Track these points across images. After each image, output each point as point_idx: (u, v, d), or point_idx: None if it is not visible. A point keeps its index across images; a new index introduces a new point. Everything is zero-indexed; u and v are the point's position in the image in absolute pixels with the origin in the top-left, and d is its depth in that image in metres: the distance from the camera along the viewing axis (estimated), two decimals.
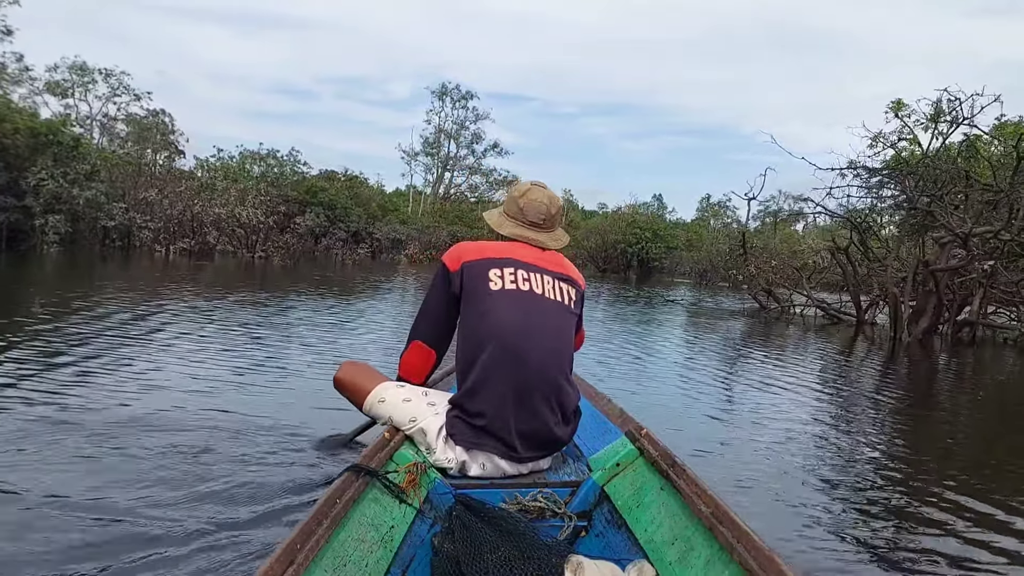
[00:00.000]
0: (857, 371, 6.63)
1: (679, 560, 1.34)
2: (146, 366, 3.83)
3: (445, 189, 37.94)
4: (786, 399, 4.55)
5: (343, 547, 1.24)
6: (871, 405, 4.72)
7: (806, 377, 5.69)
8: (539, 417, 1.74)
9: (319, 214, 24.89)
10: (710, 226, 44.79)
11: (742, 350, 7.51)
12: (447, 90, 37.50)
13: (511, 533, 1.40)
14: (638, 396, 4.19)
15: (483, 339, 1.74)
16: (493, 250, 1.84)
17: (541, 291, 1.80)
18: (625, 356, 5.94)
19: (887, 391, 5.45)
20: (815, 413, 4.23)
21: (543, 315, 1.78)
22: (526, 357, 1.72)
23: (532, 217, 1.92)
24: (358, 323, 6.72)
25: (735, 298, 17.23)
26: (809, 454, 3.22)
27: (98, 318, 5.44)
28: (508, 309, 1.75)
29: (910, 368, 7.18)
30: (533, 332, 1.74)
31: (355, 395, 1.96)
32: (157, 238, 17.69)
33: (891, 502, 2.59)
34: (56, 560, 1.62)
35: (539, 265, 1.85)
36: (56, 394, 3.05)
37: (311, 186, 26.38)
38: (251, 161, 26.80)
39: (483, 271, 1.79)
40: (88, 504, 1.92)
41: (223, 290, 9.10)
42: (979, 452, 3.68)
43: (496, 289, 1.76)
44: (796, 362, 6.62)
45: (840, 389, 5.43)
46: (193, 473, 2.22)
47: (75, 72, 23.56)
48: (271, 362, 4.26)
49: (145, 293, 7.86)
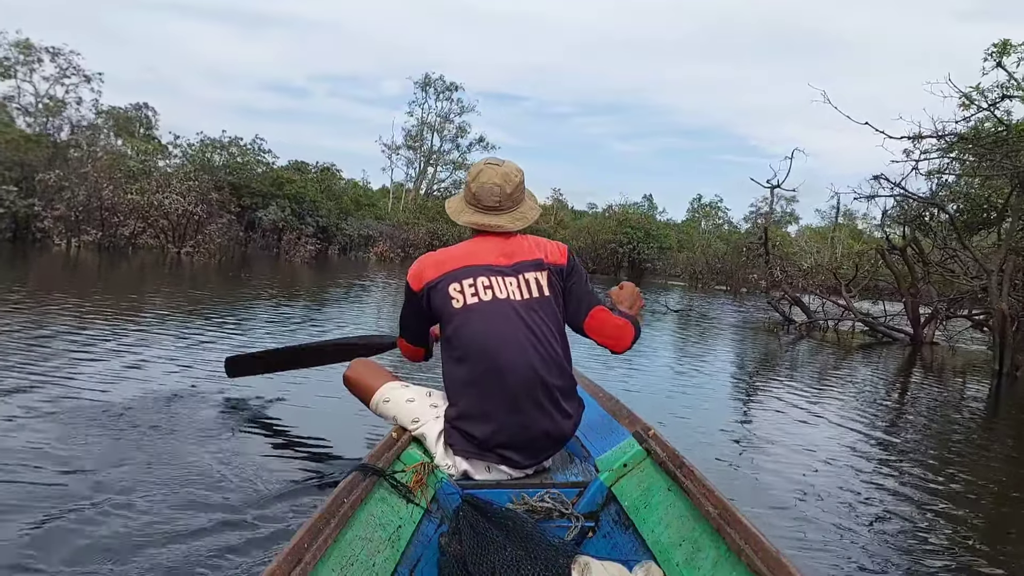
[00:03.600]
0: (976, 430, 4.69)
1: (686, 561, 1.40)
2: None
3: (428, 184, 37.86)
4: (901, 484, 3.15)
5: (350, 546, 1.30)
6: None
7: (921, 447, 4.01)
8: (536, 423, 1.80)
9: (284, 208, 24.70)
10: (701, 227, 45.37)
11: (798, 388, 5.54)
12: (430, 81, 37.45)
13: (518, 533, 1.46)
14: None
15: (460, 358, 1.81)
16: (451, 261, 1.86)
17: (505, 295, 1.82)
18: (638, 386, 4.92)
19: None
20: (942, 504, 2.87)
21: (512, 320, 1.81)
22: (506, 368, 1.76)
23: (487, 202, 1.92)
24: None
25: (742, 305, 16.90)
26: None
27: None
28: (475, 323, 1.79)
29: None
30: (507, 340, 1.78)
31: (363, 393, 2.04)
32: (58, 229, 15.92)
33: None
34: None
35: (499, 264, 1.87)
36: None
37: (277, 177, 26.15)
38: (211, 150, 26.48)
39: (444, 289, 1.82)
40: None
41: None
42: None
43: (459, 307, 1.81)
44: (886, 411, 5.03)
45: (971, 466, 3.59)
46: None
47: (20, 50, 23.13)
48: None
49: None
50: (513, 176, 1.94)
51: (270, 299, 8.97)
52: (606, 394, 2.36)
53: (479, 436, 1.77)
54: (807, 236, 28.57)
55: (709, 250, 30.15)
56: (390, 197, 35.84)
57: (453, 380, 1.84)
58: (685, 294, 21.07)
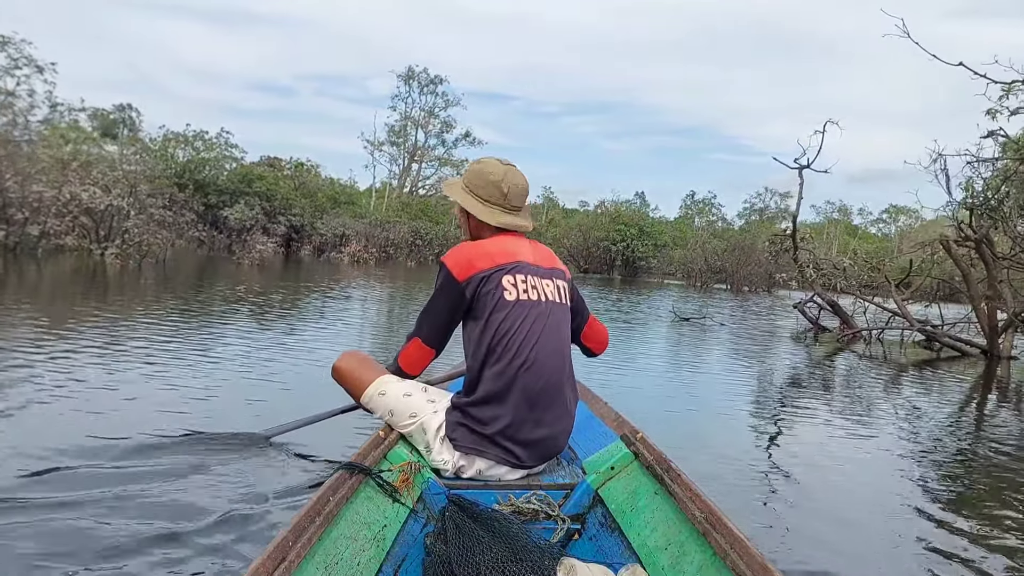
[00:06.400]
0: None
1: (672, 565, 1.47)
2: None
3: (412, 182, 37.72)
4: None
5: (335, 545, 1.36)
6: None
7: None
8: (549, 427, 1.94)
9: (254, 206, 24.37)
10: (695, 224, 45.66)
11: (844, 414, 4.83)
12: (414, 74, 37.29)
13: (504, 534, 1.53)
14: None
15: (500, 350, 1.90)
16: (501, 254, 1.97)
17: (546, 297, 1.98)
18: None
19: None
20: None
21: (550, 322, 1.96)
22: (539, 368, 1.90)
23: (516, 202, 2.07)
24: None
25: (754, 307, 16.37)
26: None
27: None
28: (524, 319, 1.91)
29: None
30: (545, 342, 1.92)
31: (354, 386, 2.11)
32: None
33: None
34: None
35: (539, 265, 2.03)
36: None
37: (247, 174, 25.83)
38: (174, 144, 26.16)
39: (497, 280, 1.93)
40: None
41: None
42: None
43: (512, 299, 1.92)
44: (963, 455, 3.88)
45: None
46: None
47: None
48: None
49: None
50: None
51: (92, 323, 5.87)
52: (594, 397, 2.46)
53: (491, 427, 1.87)
54: (808, 233, 28.73)
55: (708, 247, 30.21)
56: (372, 195, 35.61)
57: (484, 369, 1.91)
58: (685, 294, 20.93)
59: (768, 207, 56.14)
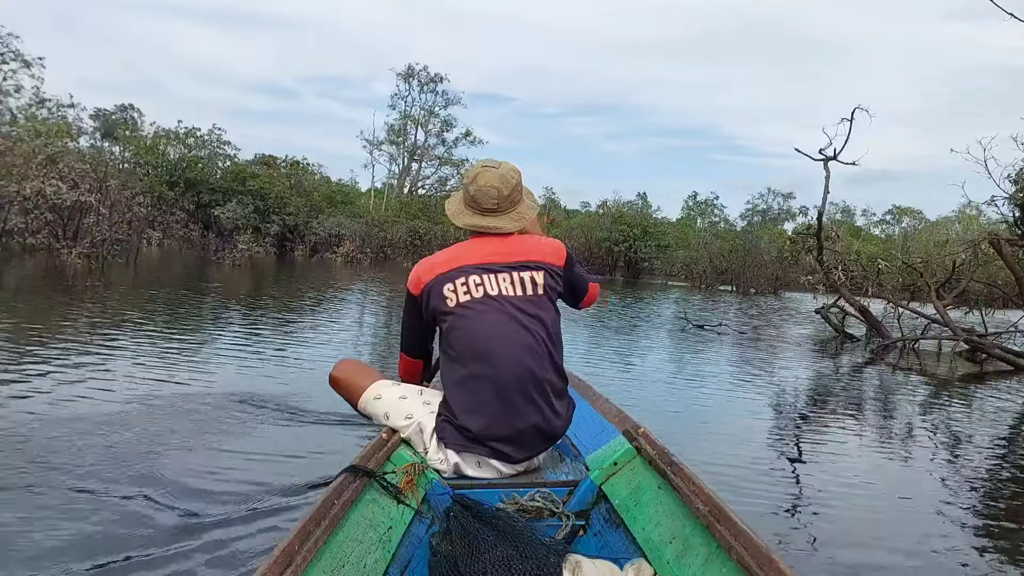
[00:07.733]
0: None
1: (677, 559, 1.50)
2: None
3: (412, 181, 37.74)
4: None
5: (341, 548, 1.39)
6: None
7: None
8: (526, 417, 1.96)
9: (247, 205, 24.37)
10: (697, 225, 45.71)
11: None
12: (414, 72, 37.34)
13: (509, 533, 1.56)
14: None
15: (454, 356, 1.98)
16: (446, 262, 2.03)
17: (497, 291, 1.99)
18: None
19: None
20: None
21: (504, 315, 1.99)
22: (498, 363, 1.93)
23: (485, 204, 2.08)
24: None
25: (766, 312, 15.96)
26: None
27: None
28: (467, 321, 1.96)
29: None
30: (497, 335, 1.95)
31: (350, 393, 2.17)
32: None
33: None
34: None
35: (493, 261, 2.04)
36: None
37: (240, 172, 25.82)
38: (165, 142, 26.16)
39: (439, 291, 1.99)
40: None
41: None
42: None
43: (452, 306, 1.98)
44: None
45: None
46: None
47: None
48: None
49: None
50: (510, 178, 2.10)
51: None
52: (596, 393, 2.50)
53: (472, 429, 1.91)
54: (835, 230, 28.77)
55: (712, 248, 30.21)
56: (371, 195, 35.62)
57: (448, 377, 2.00)
58: (691, 296, 20.89)
59: (771, 208, 56.31)
